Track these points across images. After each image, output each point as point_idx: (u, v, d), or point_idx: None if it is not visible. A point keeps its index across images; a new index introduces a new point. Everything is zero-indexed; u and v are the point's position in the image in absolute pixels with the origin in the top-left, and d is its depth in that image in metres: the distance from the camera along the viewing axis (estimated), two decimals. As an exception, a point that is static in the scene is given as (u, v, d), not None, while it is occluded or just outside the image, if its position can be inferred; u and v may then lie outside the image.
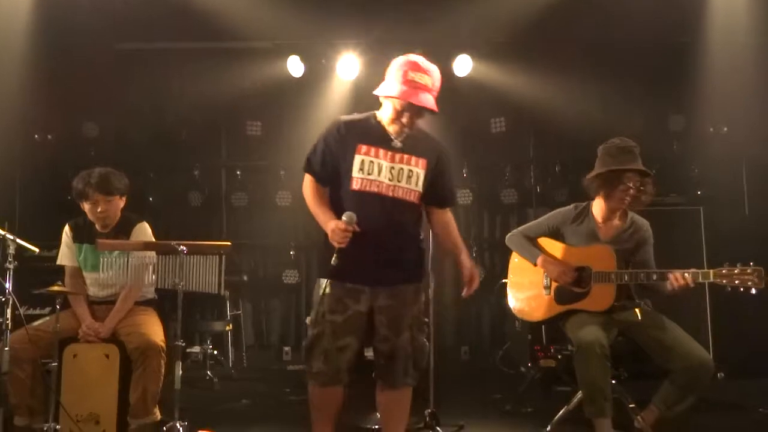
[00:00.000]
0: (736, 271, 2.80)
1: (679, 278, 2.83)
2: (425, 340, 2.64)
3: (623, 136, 3.16)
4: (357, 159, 2.52)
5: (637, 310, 3.04)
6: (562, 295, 3.13)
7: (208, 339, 4.86)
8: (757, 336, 4.48)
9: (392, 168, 2.53)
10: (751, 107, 5.04)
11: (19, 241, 2.86)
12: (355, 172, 2.52)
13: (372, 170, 2.52)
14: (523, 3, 4.73)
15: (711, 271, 2.84)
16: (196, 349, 4.94)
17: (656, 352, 2.90)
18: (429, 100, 2.51)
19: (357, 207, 2.49)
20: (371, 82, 5.09)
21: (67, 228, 3.31)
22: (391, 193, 2.53)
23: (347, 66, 5.25)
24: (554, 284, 3.16)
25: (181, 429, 2.84)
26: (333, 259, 2.41)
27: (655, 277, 2.93)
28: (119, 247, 3.11)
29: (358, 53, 5.26)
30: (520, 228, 3.33)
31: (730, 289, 2.83)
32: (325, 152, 2.58)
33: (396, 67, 2.57)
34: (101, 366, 3.04)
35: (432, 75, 2.54)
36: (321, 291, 2.55)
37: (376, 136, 2.56)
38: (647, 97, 5.38)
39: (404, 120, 2.54)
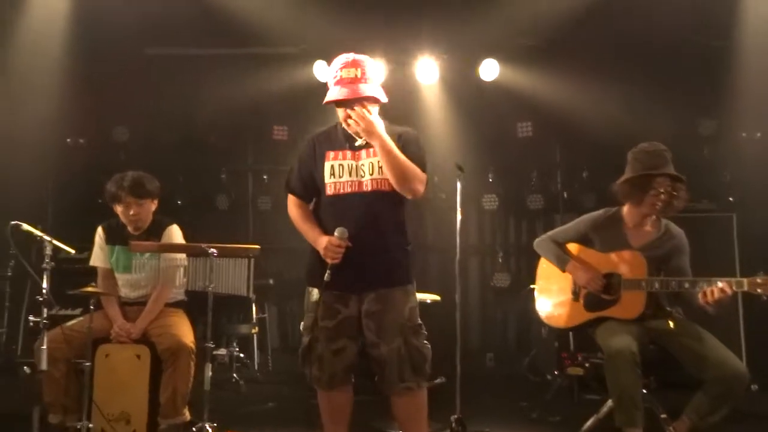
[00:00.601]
0: None
1: (715, 291, 2.73)
2: (425, 342, 2.58)
3: (652, 140, 3.11)
4: (327, 166, 2.58)
5: (669, 321, 2.98)
6: (591, 302, 3.09)
7: (234, 342, 4.90)
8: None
9: (361, 165, 2.56)
10: (787, 112, 4.93)
11: (55, 242, 2.92)
12: (327, 179, 2.57)
13: (342, 173, 2.56)
14: (550, 6, 4.70)
15: (745, 279, 2.75)
16: (222, 351, 4.98)
17: (689, 361, 2.84)
18: (360, 90, 2.52)
19: (335, 212, 2.54)
20: (397, 88, 5.16)
21: (100, 230, 3.37)
22: (364, 188, 2.54)
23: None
24: (583, 291, 3.12)
25: (210, 430, 2.87)
26: (326, 275, 2.45)
27: (687, 284, 2.87)
28: (151, 249, 3.17)
29: (384, 59, 5.28)
30: (548, 233, 3.30)
31: (765, 298, 2.76)
32: (301, 170, 2.66)
33: (329, 72, 2.63)
34: (132, 366, 3.10)
35: (360, 65, 2.56)
36: (312, 299, 2.59)
37: (341, 141, 2.61)
38: (677, 101, 5.28)
39: (353, 117, 2.52)
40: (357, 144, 2.57)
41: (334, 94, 2.55)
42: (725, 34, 4.84)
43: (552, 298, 3.24)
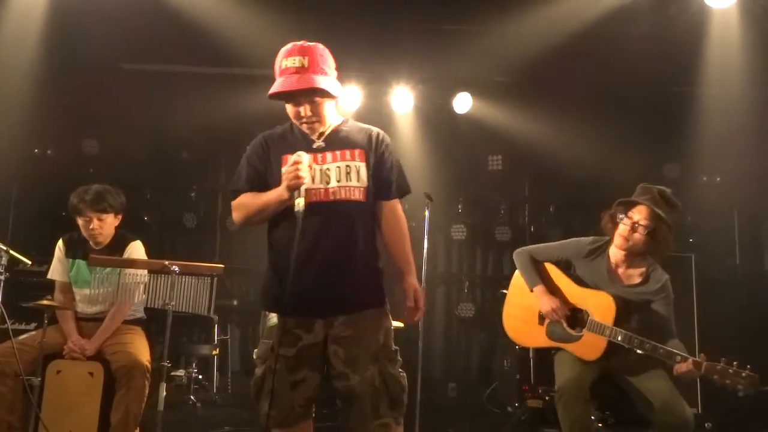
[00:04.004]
0: (730, 371, 2.63)
1: (682, 367, 2.68)
2: (400, 370, 2.25)
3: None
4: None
5: (626, 358, 2.92)
6: (554, 331, 3.04)
7: (193, 362, 4.80)
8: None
9: (327, 169, 2.22)
10: (744, 158, 5.13)
11: (12, 252, 2.84)
12: None
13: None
14: (525, 44, 4.82)
15: (704, 363, 2.67)
16: (181, 372, 4.87)
17: (639, 401, 2.83)
18: (305, 80, 2.17)
19: (296, 224, 2.11)
20: (373, 114, 5.21)
21: (60, 242, 3.29)
22: (332, 197, 2.20)
23: (349, 97, 5.33)
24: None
25: (161, 453, 2.79)
26: (297, 203, 2.08)
27: (647, 346, 2.75)
28: (112, 264, 3.10)
29: (360, 85, 5.35)
30: (531, 246, 3.19)
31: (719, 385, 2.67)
32: (250, 174, 2.29)
33: (276, 65, 2.27)
34: (84, 384, 3.00)
35: (310, 52, 2.22)
36: (269, 324, 2.33)
37: (297, 142, 2.26)
38: (643, 143, 5.46)
39: (303, 113, 2.22)
40: (316, 146, 2.25)
41: (277, 86, 2.19)
42: (689, 81, 5.03)
43: (520, 312, 3.15)
